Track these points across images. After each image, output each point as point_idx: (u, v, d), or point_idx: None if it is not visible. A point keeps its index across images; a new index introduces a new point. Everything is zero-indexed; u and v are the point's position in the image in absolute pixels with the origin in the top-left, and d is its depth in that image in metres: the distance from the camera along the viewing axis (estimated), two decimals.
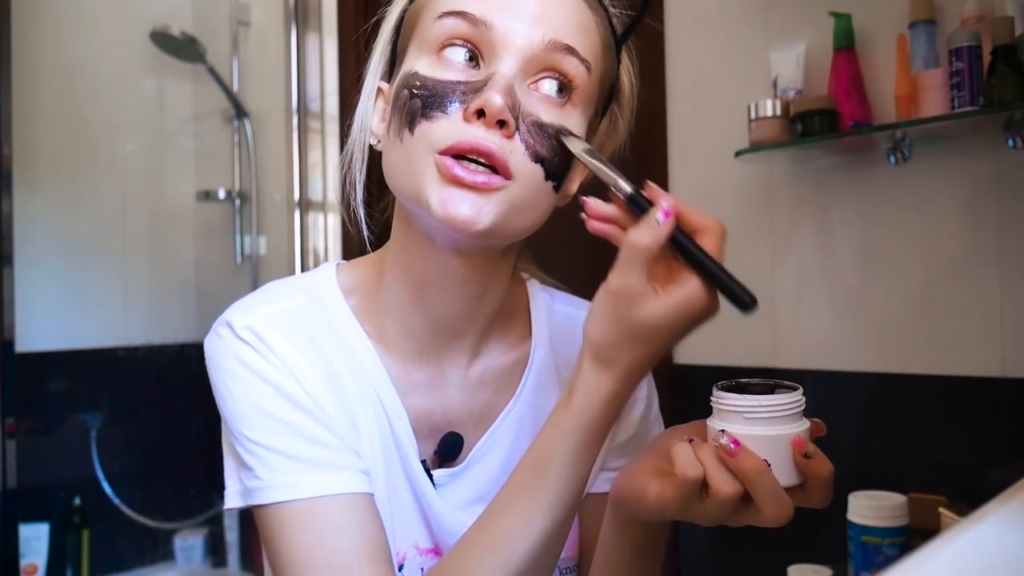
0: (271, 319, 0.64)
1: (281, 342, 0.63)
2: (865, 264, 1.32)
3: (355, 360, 0.66)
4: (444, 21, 0.59)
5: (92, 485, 2.21)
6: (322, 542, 0.58)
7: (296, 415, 0.61)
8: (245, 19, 2.45)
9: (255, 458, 0.61)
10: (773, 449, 0.54)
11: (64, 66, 2.25)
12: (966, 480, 1.18)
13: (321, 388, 0.63)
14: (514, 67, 0.59)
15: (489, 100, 0.56)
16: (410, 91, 0.59)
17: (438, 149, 0.58)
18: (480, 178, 0.57)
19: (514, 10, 0.59)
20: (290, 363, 0.63)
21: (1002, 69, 1.08)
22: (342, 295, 0.69)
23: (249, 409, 0.62)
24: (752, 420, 0.54)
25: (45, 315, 2.16)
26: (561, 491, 0.57)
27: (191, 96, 2.55)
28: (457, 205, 0.57)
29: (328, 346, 0.66)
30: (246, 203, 2.40)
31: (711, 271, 0.52)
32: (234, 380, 0.63)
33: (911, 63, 1.20)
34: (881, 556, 1.07)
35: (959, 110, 1.13)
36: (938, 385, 1.23)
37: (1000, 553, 0.37)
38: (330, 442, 0.62)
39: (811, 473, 0.55)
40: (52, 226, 2.22)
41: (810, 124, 1.25)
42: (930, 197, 1.25)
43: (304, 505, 0.59)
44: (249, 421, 0.61)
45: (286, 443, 0.61)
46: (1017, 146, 1.14)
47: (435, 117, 0.58)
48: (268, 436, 0.61)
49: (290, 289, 0.69)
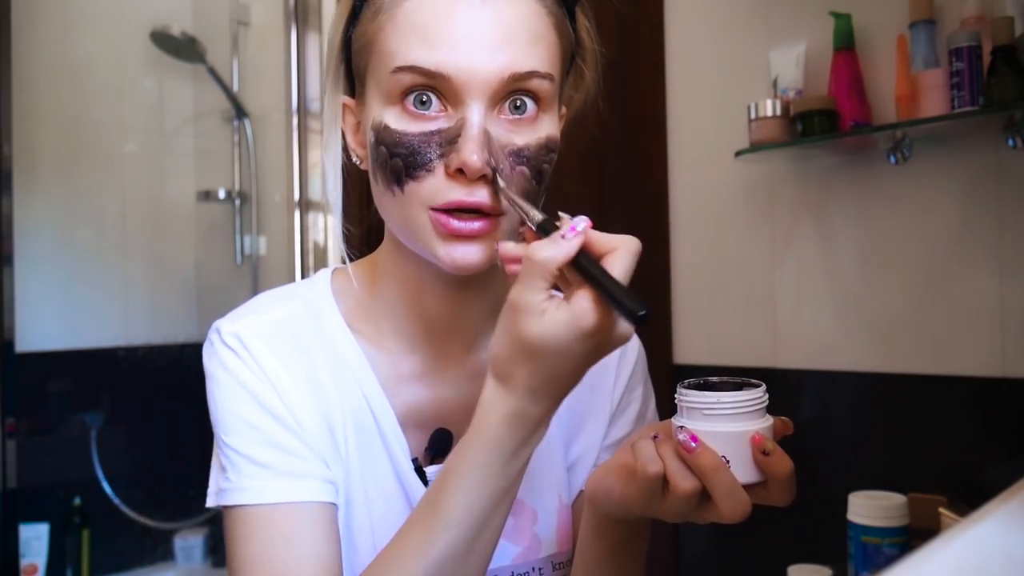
0: (257, 327, 0.67)
1: (264, 351, 0.66)
2: (865, 264, 1.32)
3: (342, 363, 0.68)
4: (400, 76, 0.59)
5: (92, 485, 2.21)
6: (274, 548, 0.61)
7: (269, 423, 0.64)
8: (245, 19, 2.45)
9: (228, 461, 0.64)
10: (732, 446, 0.54)
11: (64, 66, 2.25)
12: (966, 480, 1.18)
13: (299, 398, 0.65)
14: (481, 109, 0.59)
15: (467, 162, 0.57)
16: (388, 150, 0.60)
17: (431, 206, 0.60)
18: (476, 225, 0.60)
19: (467, 48, 0.58)
20: (270, 372, 0.65)
21: (1002, 69, 1.08)
22: (334, 299, 0.71)
23: (228, 414, 0.65)
24: (711, 417, 0.54)
25: (45, 315, 2.16)
26: (459, 512, 0.55)
27: (191, 96, 2.55)
28: (463, 254, 0.60)
29: (315, 353, 0.68)
30: (246, 203, 2.40)
31: (602, 284, 0.49)
32: (217, 385, 0.66)
33: (911, 63, 1.20)
34: (881, 556, 1.07)
35: (959, 110, 1.13)
36: (938, 385, 1.23)
37: (1000, 553, 0.37)
38: (298, 451, 0.64)
39: (770, 470, 0.55)
40: (52, 226, 2.22)
41: (810, 124, 1.25)
42: (930, 197, 1.25)
43: (264, 510, 0.62)
44: (227, 425, 0.65)
45: (256, 449, 0.63)
46: (1017, 146, 1.14)
47: (420, 176, 0.60)
48: (241, 441, 0.64)
49: (283, 297, 0.71)
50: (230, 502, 0.63)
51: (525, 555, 0.72)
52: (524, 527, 0.72)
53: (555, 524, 0.74)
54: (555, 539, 0.73)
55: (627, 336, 0.52)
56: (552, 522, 0.73)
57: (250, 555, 0.61)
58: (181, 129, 2.55)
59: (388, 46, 0.60)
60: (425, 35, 0.58)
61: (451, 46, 0.58)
